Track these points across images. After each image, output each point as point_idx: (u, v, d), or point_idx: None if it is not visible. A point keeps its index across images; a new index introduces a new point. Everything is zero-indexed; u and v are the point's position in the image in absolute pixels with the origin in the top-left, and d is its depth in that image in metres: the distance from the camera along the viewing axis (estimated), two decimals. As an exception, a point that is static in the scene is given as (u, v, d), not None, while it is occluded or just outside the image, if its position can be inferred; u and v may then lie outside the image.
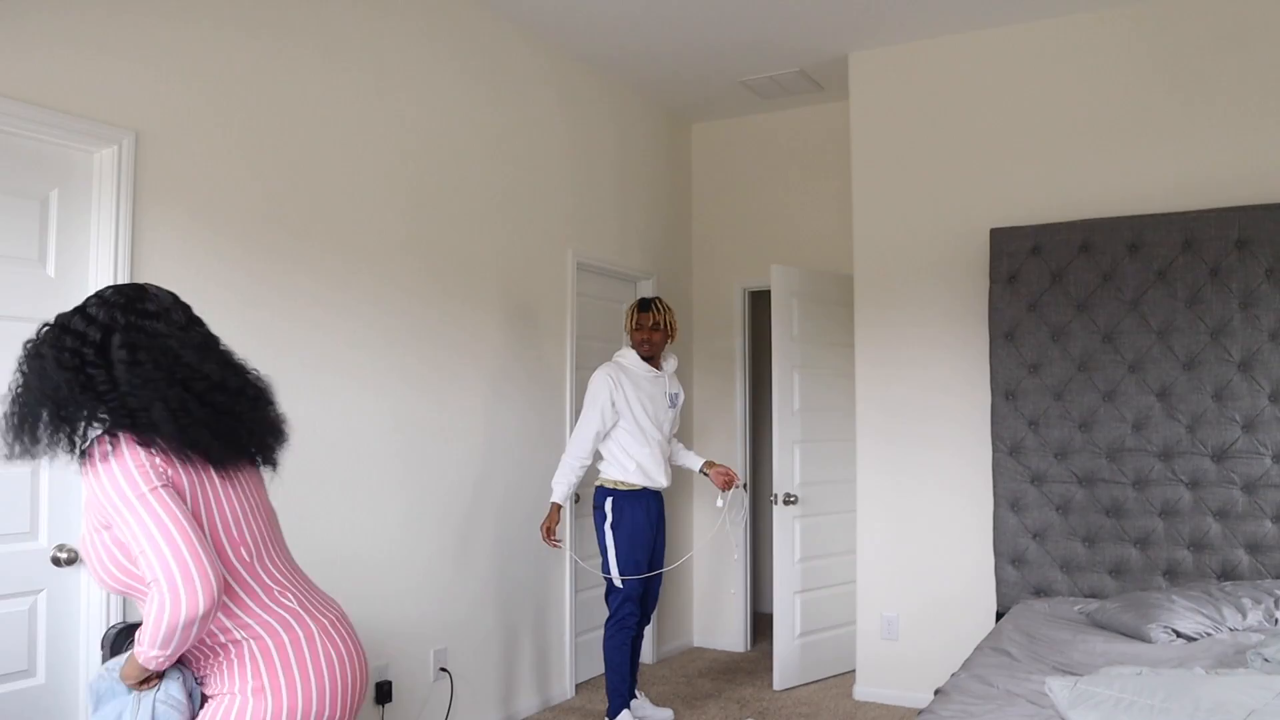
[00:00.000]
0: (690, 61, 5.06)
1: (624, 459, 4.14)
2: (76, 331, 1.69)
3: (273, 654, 1.72)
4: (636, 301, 4.31)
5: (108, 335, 1.68)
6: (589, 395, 4.17)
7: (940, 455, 4.65)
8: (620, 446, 4.15)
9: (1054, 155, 4.48)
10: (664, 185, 5.80)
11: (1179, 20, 4.27)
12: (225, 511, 1.73)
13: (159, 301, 1.76)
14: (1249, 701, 2.15)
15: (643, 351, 4.25)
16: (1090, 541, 4.11)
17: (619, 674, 4.10)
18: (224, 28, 3.21)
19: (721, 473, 4.38)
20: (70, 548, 2.74)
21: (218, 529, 1.72)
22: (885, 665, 4.74)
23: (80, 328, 1.69)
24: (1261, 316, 3.87)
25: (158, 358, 1.69)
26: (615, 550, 4.08)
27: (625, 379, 4.17)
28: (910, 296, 4.76)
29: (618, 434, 4.15)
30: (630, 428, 4.14)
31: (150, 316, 1.72)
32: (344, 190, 3.64)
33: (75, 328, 1.69)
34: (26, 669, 2.66)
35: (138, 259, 2.91)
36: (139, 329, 1.70)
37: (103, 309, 1.71)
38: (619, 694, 4.11)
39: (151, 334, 1.70)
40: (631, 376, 4.20)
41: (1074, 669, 2.88)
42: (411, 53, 3.97)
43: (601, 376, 4.16)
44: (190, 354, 1.72)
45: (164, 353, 1.70)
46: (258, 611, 1.74)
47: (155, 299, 1.76)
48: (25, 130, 2.66)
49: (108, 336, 1.68)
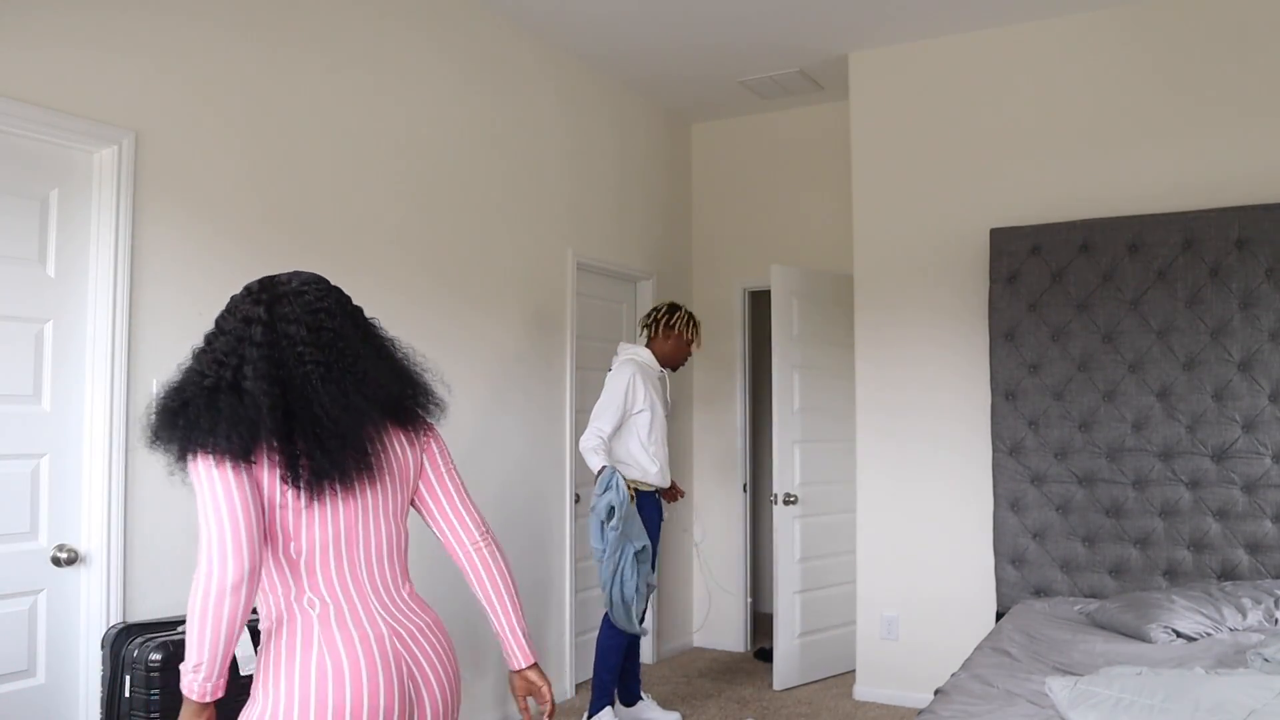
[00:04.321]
0: (690, 61, 5.06)
1: (647, 461, 4.14)
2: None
3: (282, 654, 1.62)
4: (687, 313, 4.34)
5: None
6: (615, 387, 4.11)
7: (940, 455, 4.65)
8: (642, 446, 4.14)
9: (1054, 155, 4.48)
10: (664, 185, 5.80)
11: (1179, 20, 4.27)
12: (298, 511, 1.63)
13: (238, 295, 1.77)
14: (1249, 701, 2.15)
15: (676, 364, 4.35)
16: (1090, 541, 4.11)
17: (610, 671, 4.10)
18: (224, 28, 3.21)
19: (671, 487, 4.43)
20: (70, 547, 2.74)
21: (274, 522, 1.63)
22: (885, 665, 4.74)
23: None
24: (1261, 316, 3.87)
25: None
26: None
27: (644, 377, 4.18)
28: (910, 296, 4.76)
29: (640, 434, 4.13)
30: (654, 427, 4.16)
31: (224, 313, 1.75)
32: (343, 190, 3.64)
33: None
34: (26, 669, 2.67)
35: (138, 259, 2.91)
36: (219, 322, 1.73)
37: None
38: (605, 691, 4.10)
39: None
40: (648, 376, 4.21)
41: (1074, 669, 2.88)
42: (411, 52, 3.97)
43: (625, 373, 4.13)
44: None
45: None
46: (286, 606, 1.65)
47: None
48: (25, 130, 2.66)
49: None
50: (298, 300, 1.68)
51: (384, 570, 1.72)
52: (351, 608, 1.66)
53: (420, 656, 1.69)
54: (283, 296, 1.68)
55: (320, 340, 1.65)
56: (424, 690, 1.69)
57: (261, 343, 1.62)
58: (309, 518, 1.64)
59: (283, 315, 1.66)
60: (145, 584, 2.89)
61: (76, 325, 2.80)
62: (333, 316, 1.69)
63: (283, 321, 1.65)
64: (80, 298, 2.81)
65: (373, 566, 1.70)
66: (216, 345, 1.65)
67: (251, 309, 1.66)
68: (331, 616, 1.64)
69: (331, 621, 1.64)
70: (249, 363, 1.60)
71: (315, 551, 1.65)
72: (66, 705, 2.74)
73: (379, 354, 1.75)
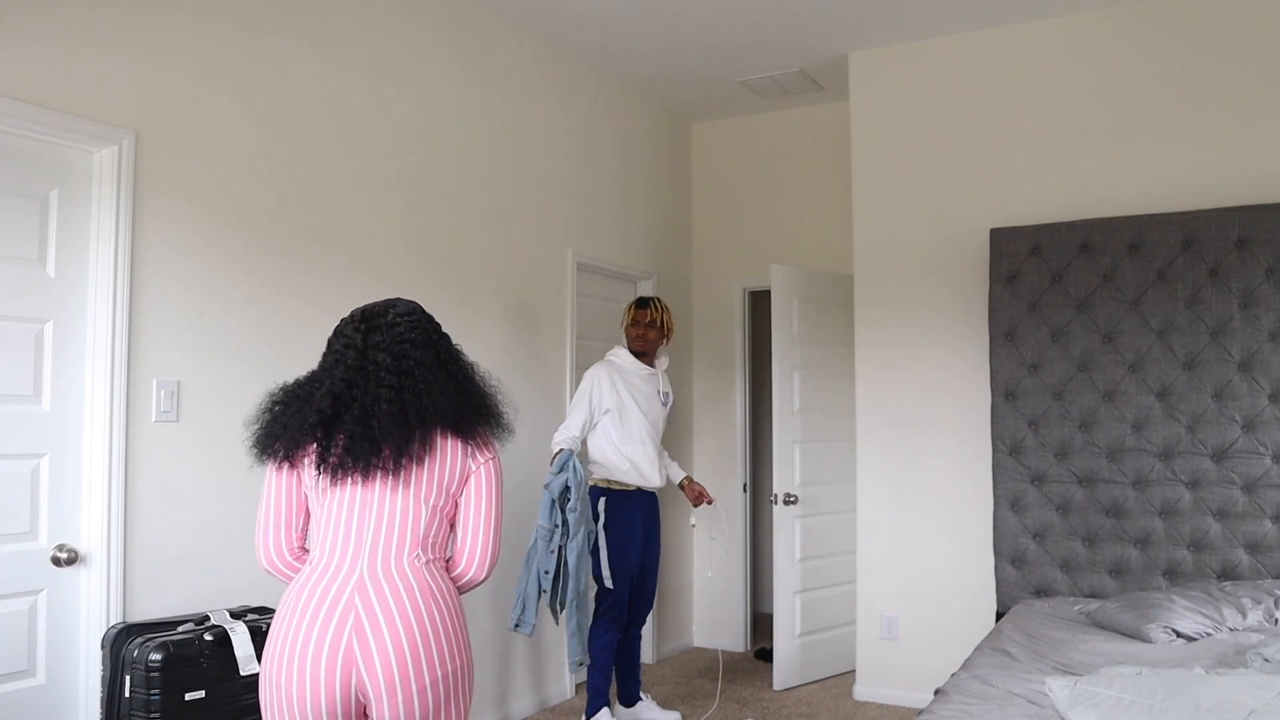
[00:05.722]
0: (690, 61, 5.06)
1: (616, 459, 4.14)
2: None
3: (276, 620, 1.96)
4: (635, 299, 4.36)
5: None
6: (579, 390, 4.21)
7: (940, 455, 4.65)
8: (612, 445, 4.14)
9: (1054, 155, 4.48)
10: (664, 185, 5.80)
11: (1179, 20, 4.27)
12: (324, 489, 1.98)
13: (345, 320, 2.09)
14: (1249, 701, 2.15)
15: (637, 348, 4.29)
16: (1090, 541, 4.11)
17: (603, 673, 4.11)
18: (224, 28, 3.21)
19: (695, 490, 4.39)
20: (70, 547, 2.74)
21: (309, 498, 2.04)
22: (885, 665, 4.74)
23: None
24: (1261, 316, 3.87)
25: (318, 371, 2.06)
26: (606, 552, 4.07)
27: (617, 376, 4.18)
28: (910, 296, 4.76)
29: (610, 432, 4.14)
30: (623, 425, 4.14)
31: (333, 333, 2.08)
32: (343, 190, 3.64)
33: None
34: (26, 669, 2.67)
35: (138, 259, 2.91)
36: (329, 343, 2.08)
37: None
38: (600, 693, 4.11)
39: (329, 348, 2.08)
40: (624, 374, 4.21)
41: (1074, 669, 2.88)
42: (411, 51, 3.97)
43: (591, 373, 4.20)
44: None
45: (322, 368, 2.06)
46: (295, 581, 1.99)
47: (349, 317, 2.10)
48: (25, 130, 2.66)
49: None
50: (389, 332, 2.03)
51: (389, 543, 1.96)
52: (339, 561, 1.95)
53: (378, 609, 1.89)
54: (377, 328, 2.04)
55: (400, 368, 1.99)
56: (370, 637, 1.87)
57: (351, 365, 1.99)
58: (331, 496, 1.98)
59: (374, 344, 2.02)
60: (145, 584, 2.89)
61: (76, 325, 2.80)
62: (416, 347, 2.03)
63: (373, 350, 2.01)
64: (80, 298, 2.81)
65: (378, 538, 1.96)
66: (323, 361, 2.05)
67: (351, 336, 2.04)
68: (320, 566, 1.96)
69: (318, 570, 1.96)
70: (328, 379, 1.99)
71: (329, 520, 1.98)
72: (66, 705, 2.74)
73: (452, 379, 2.05)
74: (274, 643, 1.92)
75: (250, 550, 3.21)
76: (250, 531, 3.21)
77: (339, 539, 1.95)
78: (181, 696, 2.62)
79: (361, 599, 1.89)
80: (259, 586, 3.20)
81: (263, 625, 2.87)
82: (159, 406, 2.95)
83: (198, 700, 2.65)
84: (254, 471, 2.10)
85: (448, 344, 2.10)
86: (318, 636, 1.87)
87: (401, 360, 1.99)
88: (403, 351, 2.00)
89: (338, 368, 1.99)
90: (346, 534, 1.95)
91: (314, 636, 1.87)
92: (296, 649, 1.87)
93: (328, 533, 1.97)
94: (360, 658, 1.86)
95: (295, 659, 1.87)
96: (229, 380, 3.18)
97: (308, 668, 1.86)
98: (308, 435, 1.95)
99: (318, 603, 1.90)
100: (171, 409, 2.98)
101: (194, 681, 2.65)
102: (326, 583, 1.92)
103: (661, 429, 4.36)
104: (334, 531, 1.96)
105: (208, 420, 3.11)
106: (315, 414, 1.94)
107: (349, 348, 2.01)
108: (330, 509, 1.97)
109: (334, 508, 1.97)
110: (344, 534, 1.95)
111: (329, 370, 2.00)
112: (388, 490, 1.96)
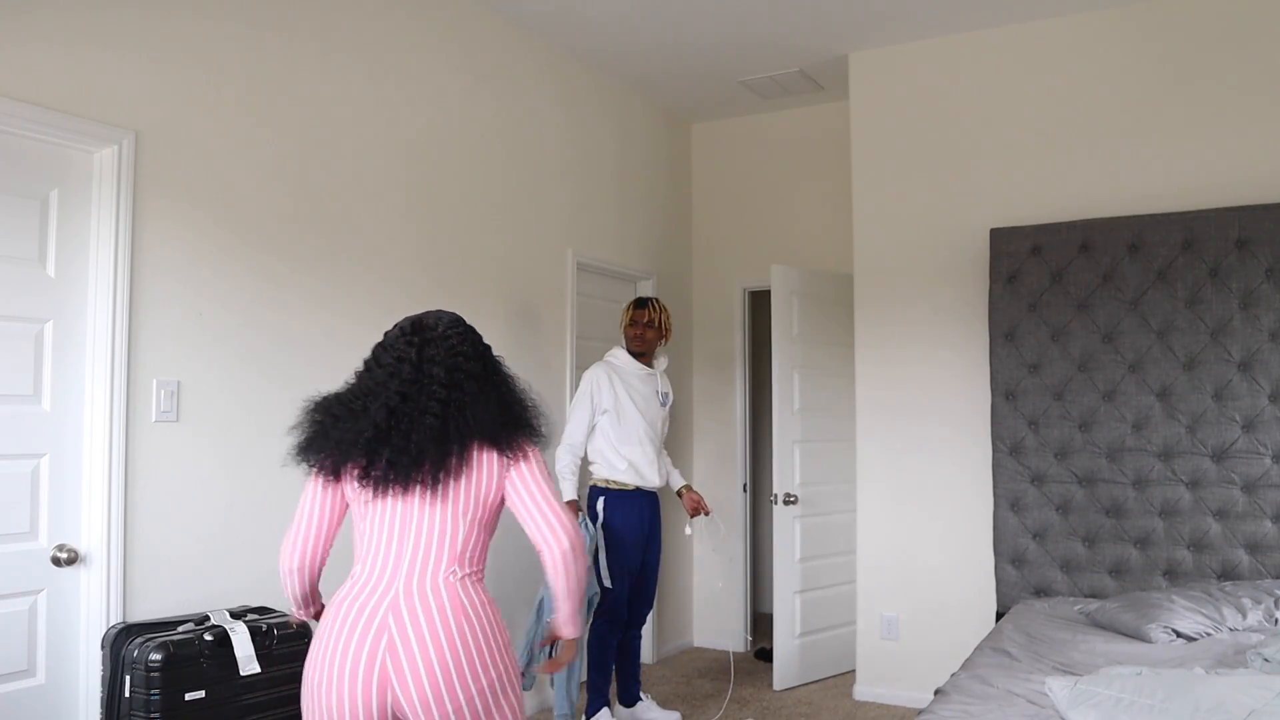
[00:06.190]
0: (690, 61, 5.06)
1: (614, 458, 4.14)
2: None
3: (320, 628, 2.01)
4: (634, 300, 4.37)
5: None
6: (578, 392, 4.23)
7: (940, 455, 4.65)
8: (610, 445, 4.15)
9: (1054, 155, 4.48)
10: (664, 185, 5.80)
11: (1179, 20, 4.27)
12: (366, 502, 2.01)
13: (393, 334, 2.10)
14: (1249, 701, 2.15)
15: (635, 348, 4.30)
16: (1090, 541, 4.11)
17: (602, 673, 4.11)
18: (224, 28, 3.21)
19: (693, 499, 4.39)
20: (70, 547, 2.74)
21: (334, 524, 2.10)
22: (885, 665, 4.74)
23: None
24: (1261, 316, 3.87)
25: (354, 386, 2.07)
26: (604, 551, 4.08)
27: (615, 376, 4.19)
28: (910, 296, 4.76)
29: (607, 432, 4.15)
30: (621, 425, 4.15)
31: (381, 346, 2.09)
32: (343, 190, 3.64)
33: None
34: (26, 669, 2.67)
35: (137, 259, 2.91)
36: (376, 356, 2.09)
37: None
38: (599, 692, 4.11)
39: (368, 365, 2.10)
40: (622, 374, 4.22)
41: (1074, 669, 2.88)
42: (411, 51, 3.97)
43: (589, 374, 4.22)
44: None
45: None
46: (338, 593, 2.02)
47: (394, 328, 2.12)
48: (25, 130, 2.66)
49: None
50: (443, 344, 2.05)
51: (425, 559, 1.98)
52: (379, 577, 1.97)
53: (410, 629, 1.91)
54: (430, 340, 2.05)
55: (451, 380, 2.01)
56: (403, 657, 1.89)
57: (406, 379, 2.00)
58: (372, 509, 2.00)
59: (429, 358, 2.03)
60: (145, 584, 2.89)
61: (76, 325, 2.80)
62: (469, 360, 2.05)
63: (428, 363, 2.02)
64: (80, 298, 2.81)
65: (415, 554, 1.98)
66: (375, 374, 2.04)
67: (405, 350, 2.04)
68: (360, 580, 1.99)
69: (358, 584, 1.98)
70: (386, 393, 1.98)
71: (370, 534, 2.01)
72: (66, 705, 2.74)
73: (496, 389, 2.08)
74: (315, 653, 1.95)
75: (250, 550, 3.21)
76: (251, 531, 3.21)
77: (379, 554, 1.99)
78: (181, 696, 2.62)
79: (395, 618, 1.92)
80: (259, 586, 3.20)
81: (262, 625, 2.87)
82: (159, 406, 2.95)
83: (198, 700, 2.65)
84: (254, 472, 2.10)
85: (490, 354, 2.14)
86: (354, 653, 1.90)
87: (454, 373, 2.01)
88: (455, 364, 2.02)
89: (392, 381, 2.00)
90: (386, 549, 1.98)
91: (350, 653, 1.90)
92: (336, 661, 1.91)
93: (369, 547, 2.00)
94: (394, 677, 1.89)
95: (334, 671, 1.90)
96: (229, 380, 3.18)
97: (345, 681, 1.89)
98: (361, 450, 1.96)
99: (355, 618, 1.93)
100: (171, 409, 2.98)
101: (194, 681, 2.65)
102: (365, 598, 1.95)
103: (663, 430, 4.36)
104: (374, 546, 2.00)
105: (208, 420, 3.11)
106: (370, 429, 1.96)
107: (403, 361, 2.02)
108: (372, 523, 2.00)
109: (375, 522, 2.00)
110: (384, 549, 1.98)
111: (383, 384, 2.00)
112: (425, 505, 1.98)
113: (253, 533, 3.22)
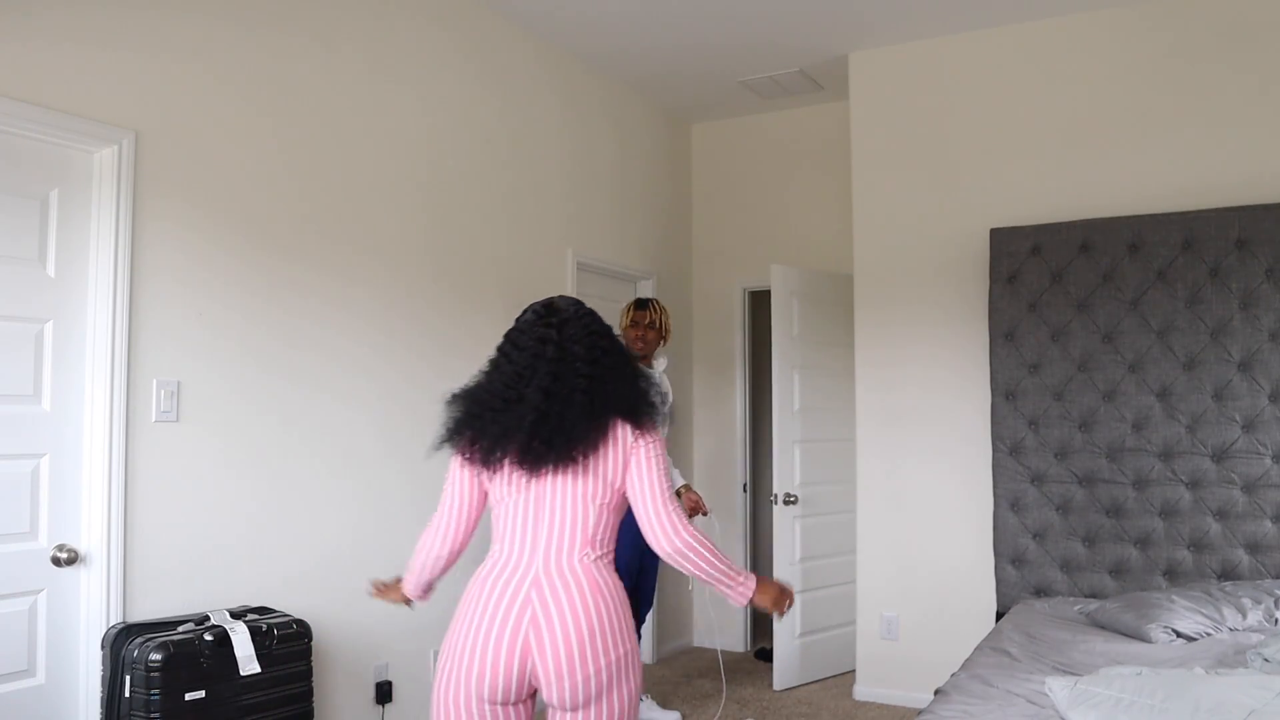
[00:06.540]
0: (690, 61, 5.06)
1: None
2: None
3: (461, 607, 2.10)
4: (634, 300, 4.37)
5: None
6: None
7: (940, 455, 4.65)
8: None
9: (1054, 155, 4.48)
10: (664, 185, 5.80)
11: (1179, 20, 4.27)
12: (494, 495, 2.12)
13: (528, 319, 2.15)
14: (1249, 701, 2.15)
15: (635, 349, 4.30)
16: (1090, 541, 4.11)
17: None
18: (225, 28, 3.21)
19: (692, 499, 4.39)
20: (70, 547, 2.74)
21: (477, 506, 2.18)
22: (885, 665, 4.74)
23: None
24: (1261, 316, 3.87)
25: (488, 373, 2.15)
26: None
27: None
28: (910, 296, 4.76)
29: None
30: None
31: (517, 331, 2.14)
32: (343, 189, 3.64)
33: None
34: (26, 669, 2.67)
35: (137, 259, 2.91)
36: (514, 342, 2.14)
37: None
38: None
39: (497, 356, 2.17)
40: None
41: (1074, 669, 2.88)
42: (412, 51, 3.97)
43: None
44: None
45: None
46: (479, 573, 2.11)
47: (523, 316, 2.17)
48: (25, 130, 2.66)
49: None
50: (579, 324, 2.12)
51: (560, 542, 2.07)
52: (519, 558, 2.06)
53: (551, 605, 2.01)
54: (567, 321, 2.11)
55: (593, 357, 2.08)
56: (544, 630, 1.99)
57: (552, 358, 2.06)
58: (512, 494, 2.09)
59: (569, 337, 2.09)
60: (145, 584, 2.89)
61: (76, 325, 2.80)
62: (602, 337, 2.13)
63: (569, 342, 2.08)
64: (80, 298, 2.81)
65: (551, 537, 2.06)
66: (517, 360, 2.09)
67: (545, 331, 2.09)
68: (500, 561, 2.08)
69: (499, 564, 2.08)
70: (537, 375, 2.04)
71: (508, 517, 2.09)
72: (66, 705, 2.74)
73: (629, 367, 2.16)
74: (462, 620, 2.05)
75: (250, 550, 3.21)
76: (251, 531, 3.21)
77: (518, 537, 2.08)
78: (181, 696, 2.62)
79: (538, 595, 2.02)
80: (259, 586, 3.20)
81: (262, 625, 2.87)
82: (159, 406, 2.95)
83: (198, 700, 2.66)
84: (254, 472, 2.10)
85: (613, 332, 2.21)
86: (500, 623, 2.00)
87: (593, 350, 2.08)
88: (593, 343, 2.10)
89: (539, 363, 2.05)
90: (524, 532, 2.07)
91: (497, 623, 2.01)
92: (484, 630, 2.01)
93: (509, 530, 2.09)
94: (535, 648, 1.99)
95: (481, 638, 2.00)
96: (229, 380, 3.18)
97: (491, 648, 1.99)
98: (525, 433, 2.02)
99: (500, 592, 2.03)
100: (171, 409, 2.98)
101: (194, 681, 2.65)
102: (507, 577, 2.05)
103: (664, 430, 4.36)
104: (514, 529, 2.08)
105: (208, 420, 3.11)
106: (533, 412, 2.02)
107: (546, 342, 2.07)
108: (511, 508, 2.09)
109: (513, 506, 2.09)
110: (522, 532, 2.07)
111: (530, 368, 2.06)
112: (559, 490, 2.06)
113: (253, 533, 3.22)
